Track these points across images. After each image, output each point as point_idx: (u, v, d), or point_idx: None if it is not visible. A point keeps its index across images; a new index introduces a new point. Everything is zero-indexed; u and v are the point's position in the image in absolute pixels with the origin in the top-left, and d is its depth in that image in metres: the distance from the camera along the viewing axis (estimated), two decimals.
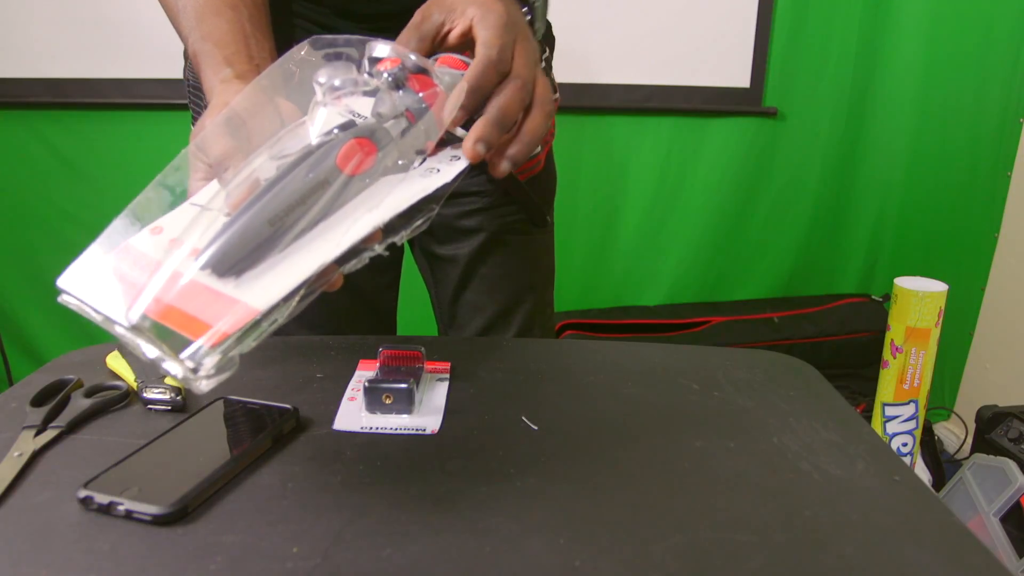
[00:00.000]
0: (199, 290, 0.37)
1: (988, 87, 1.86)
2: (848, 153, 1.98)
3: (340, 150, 0.41)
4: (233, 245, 0.38)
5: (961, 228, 1.97)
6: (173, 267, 0.38)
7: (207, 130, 0.44)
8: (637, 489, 0.43)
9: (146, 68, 1.73)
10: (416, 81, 0.45)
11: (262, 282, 0.37)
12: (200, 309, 0.36)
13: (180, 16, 0.57)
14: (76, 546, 0.37)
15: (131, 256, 0.40)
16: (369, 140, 0.42)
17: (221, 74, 0.53)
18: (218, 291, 0.37)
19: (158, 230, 0.41)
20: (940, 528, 0.40)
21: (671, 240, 2.01)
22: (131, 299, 0.37)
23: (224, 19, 0.56)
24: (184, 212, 0.42)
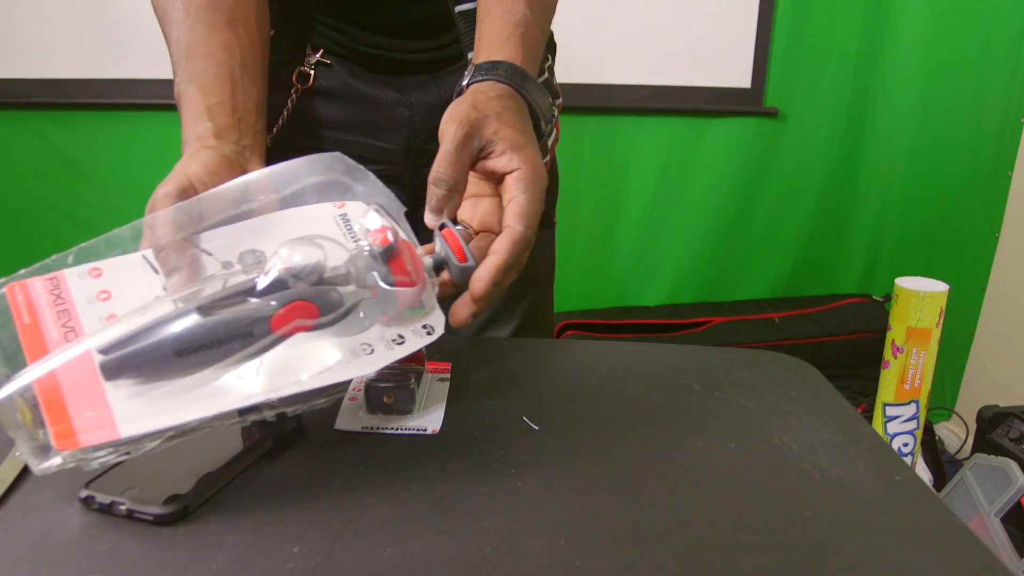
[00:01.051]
0: (90, 385, 0.36)
1: (989, 87, 1.86)
2: (849, 153, 1.98)
3: (279, 311, 0.39)
4: (132, 361, 0.37)
5: (962, 228, 1.97)
6: (84, 348, 0.37)
7: (158, 213, 0.43)
8: (637, 489, 0.43)
9: (147, 68, 1.73)
10: (397, 263, 0.42)
11: (143, 407, 0.36)
12: (76, 406, 0.36)
13: (172, 48, 0.55)
14: (77, 546, 0.37)
15: (57, 290, 0.40)
16: (314, 305, 0.40)
17: (199, 128, 0.51)
18: (103, 397, 0.36)
19: (97, 272, 0.41)
20: (941, 528, 0.40)
21: (672, 240, 2.01)
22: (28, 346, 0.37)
23: (214, 62, 0.54)
24: (128, 262, 0.42)
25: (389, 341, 0.42)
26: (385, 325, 0.42)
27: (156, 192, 0.46)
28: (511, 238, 0.46)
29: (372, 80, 0.69)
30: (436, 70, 0.71)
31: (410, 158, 0.73)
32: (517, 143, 0.48)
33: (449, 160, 0.47)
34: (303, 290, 0.40)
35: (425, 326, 0.44)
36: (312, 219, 0.45)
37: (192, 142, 0.51)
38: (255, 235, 0.44)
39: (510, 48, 0.54)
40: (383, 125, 0.70)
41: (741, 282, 2.08)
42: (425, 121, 0.71)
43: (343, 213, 0.46)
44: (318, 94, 0.68)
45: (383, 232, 0.42)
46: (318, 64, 0.67)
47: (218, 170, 0.48)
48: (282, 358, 0.39)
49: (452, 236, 0.46)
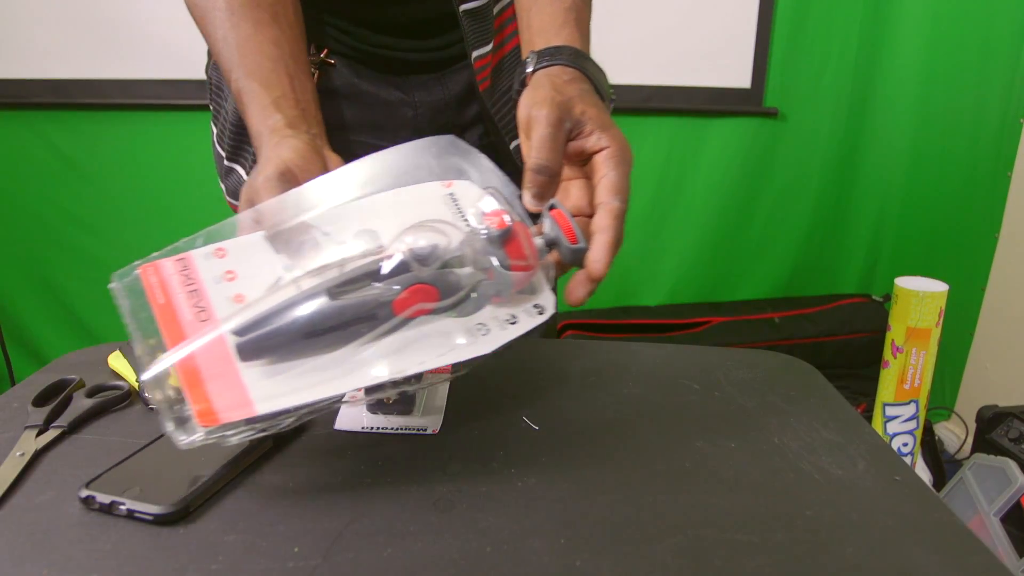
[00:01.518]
0: (226, 365, 0.38)
1: (988, 87, 1.86)
2: (848, 153, 1.98)
3: (401, 295, 0.40)
4: (266, 342, 0.39)
5: (961, 228, 1.97)
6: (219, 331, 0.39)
7: (266, 200, 0.44)
8: (637, 489, 0.43)
9: (148, 69, 1.73)
10: (513, 246, 0.43)
11: (276, 386, 0.38)
12: (215, 385, 0.38)
13: (221, 47, 0.56)
14: (78, 546, 0.37)
15: (186, 271, 0.42)
16: (434, 288, 0.41)
17: (271, 120, 0.52)
18: (239, 377, 0.38)
19: (222, 252, 0.43)
20: (941, 528, 0.40)
21: (672, 240, 2.01)
22: (164, 325, 0.39)
23: (267, 57, 0.55)
24: (249, 242, 0.43)
25: (503, 321, 0.43)
26: (497, 306, 0.43)
27: (255, 180, 0.46)
28: (612, 213, 0.45)
29: (376, 80, 0.69)
30: (440, 69, 0.71)
31: None
32: (603, 122, 0.48)
33: (549, 145, 0.46)
34: (424, 274, 0.41)
35: (536, 306, 0.44)
36: (421, 198, 0.46)
37: (268, 134, 0.51)
38: (367, 215, 0.45)
39: (567, 33, 0.54)
40: (387, 124, 0.70)
41: (741, 282, 2.08)
42: (429, 121, 0.71)
43: (451, 192, 0.46)
44: (322, 93, 0.68)
45: (499, 215, 0.43)
46: (322, 64, 0.67)
47: (307, 155, 0.49)
48: (404, 339, 0.41)
49: (563, 218, 0.45)
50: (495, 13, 0.69)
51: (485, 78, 0.69)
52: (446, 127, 0.72)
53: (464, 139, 0.74)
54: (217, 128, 0.74)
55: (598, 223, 0.45)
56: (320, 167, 0.49)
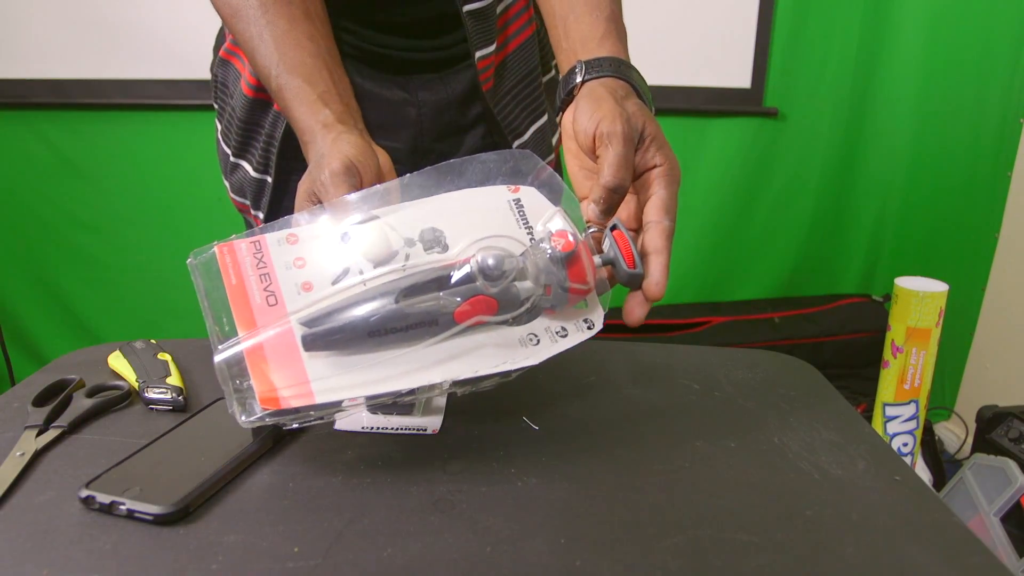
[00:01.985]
0: (291, 354, 0.41)
1: (988, 87, 1.86)
2: (848, 153, 1.98)
3: (462, 306, 0.42)
4: (331, 336, 0.41)
5: (961, 228, 1.97)
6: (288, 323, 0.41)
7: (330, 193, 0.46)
8: (637, 489, 0.43)
9: (148, 69, 1.73)
10: (576, 269, 0.44)
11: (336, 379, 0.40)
12: (280, 372, 0.40)
13: (256, 43, 0.56)
14: (78, 545, 0.37)
15: (259, 253, 0.44)
16: (495, 301, 0.43)
17: (320, 115, 0.53)
18: (302, 366, 0.40)
19: (294, 238, 0.44)
20: (940, 528, 0.40)
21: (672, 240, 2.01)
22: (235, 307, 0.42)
23: (306, 52, 0.55)
24: (321, 227, 0.45)
25: (554, 333, 0.45)
26: (549, 317, 0.45)
27: (319, 175, 0.48)
28: (665, 234, 0.46)
29: (380, 79, 0.69)
30: (443, 69, 0.71)
31: (417, 157, 0.73)
32: (660, 138, 0.49)
33: (624, 164, 0.47)
34: (489, 290, 0.43)
35: (586, 320, 0.46)
36: (487, 202, 0.47)
37: (321, 129, 0.52)
38: (434, 214, 0.46)
39: (610, 44, 0.55)
40: (390, 124, 0.70)
41: (741, 282, 2.08)
42: (432, 120, 0.71)
43: (517, 198, 0.47)
44: None
45: (565, 236, 0.44)
46: None
47: (365, 150, 0.50)
48: (460, 345, 0.42)
49: (624, 240, 0.46)
50: (498, 13, 0.69)
51: (489, 78, 0.69)
52: (449, 127, 0.72)
53: (466, 139, 0.75)
54: (222, 124, 0.74)
55: (653, 243, 0.46)
56: (375, 161, 0.51)
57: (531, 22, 0.72)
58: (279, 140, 0.68)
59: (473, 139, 0.74)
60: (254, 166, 0.71)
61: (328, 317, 0.41)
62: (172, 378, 0.54)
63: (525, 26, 0.72)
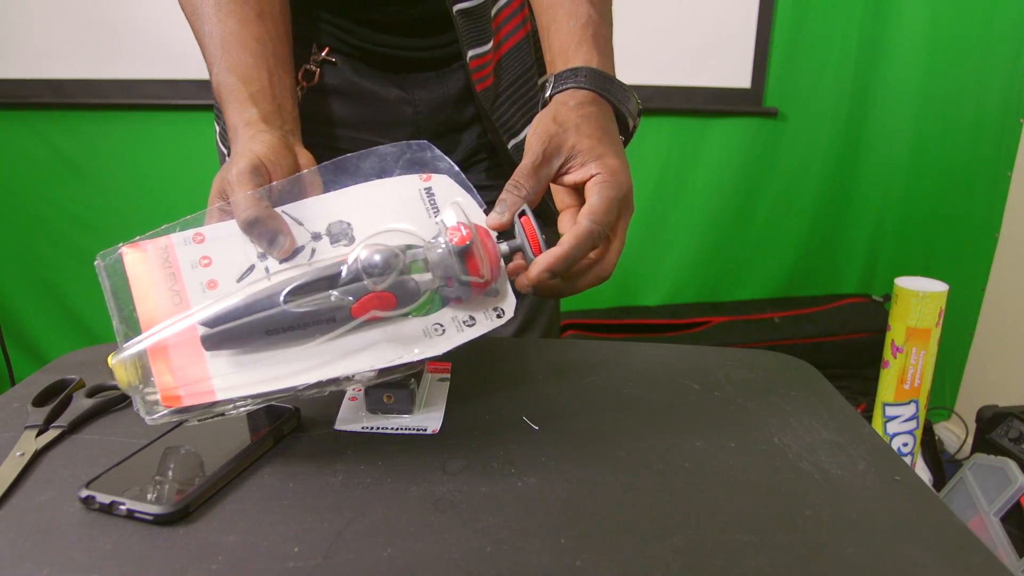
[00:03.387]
0: (194, 352, 0.41)
1: (988, 87, 1.86)
2: (848, 153, 1.98)
3: (359, 301, 0.42)
4: (229, 335, 0.42)
5: (961, 228, 1.97)
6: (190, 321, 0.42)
7: (240, 192, 0.46)
8: (637, 489, 0.43)
9: (148, 69, 1.73)
10: (472, 262, 0.44)
11: (237, 376, 0.41)
12: (182, 371, 0.41)
13: (206, 41, 0.57)
14: (78, 546, 0.37)
15: (166, 253, 0.44)
16: (391, 296, 0.43)
17: (246, 114, 0.53)
18: (204, 365, 0.41)
19: (200, 238, 0.45)
20: (940, 528, 0.40)
21: (672, 240, 2.01)
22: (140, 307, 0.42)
23: (249, 52, 0.55)
24: (227, 230, 0.45)
25: (460, 323, 0.45)
26: (456, 307, 0.45)
27: (228, 173, 0.48)
28: (575, 232, 0.46)
29: (376, 77, 0.69)
30: (440, 67, 0.71)
31: None
32: (595, 152, 0.50)
33: (527, 173, 0.49)
34: (376, 287, 0.43)
35: (496, 309, 0.46)
36: (397, 192, 0.47)
37: (243, 127, 0.52)
38: (342, 206, 0.46)
39: (584, 52, 0.55)
40: (387, 122, 0.71)
41: (741, 282, 2.08)
42: (429, 118, 0.71)
43: (428, 187, 0.48)
44: (323, 92, 0.69)
45: (459, 231, 0.44)
46: (323, 62, 0.68)
47: (280, 150, 0.50)
48: (363, 339, 0.43)
49: (530, 226, 0.46)
50: (492, 13, 0.69)
51: (485, 77, 0.69)
52: (445, 125, 0.72)
53: (463, 137, 0.75)
54: (219, 126, 0.74)
55: (560, 240, 0.47)
56: (291, 163, 0.50)
57: (526, 23, 0.72)
58: None
59: (470, 137, 0.74)
60: None
61: (226, 317, 0.41)
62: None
63: (519, 27, 0.72)
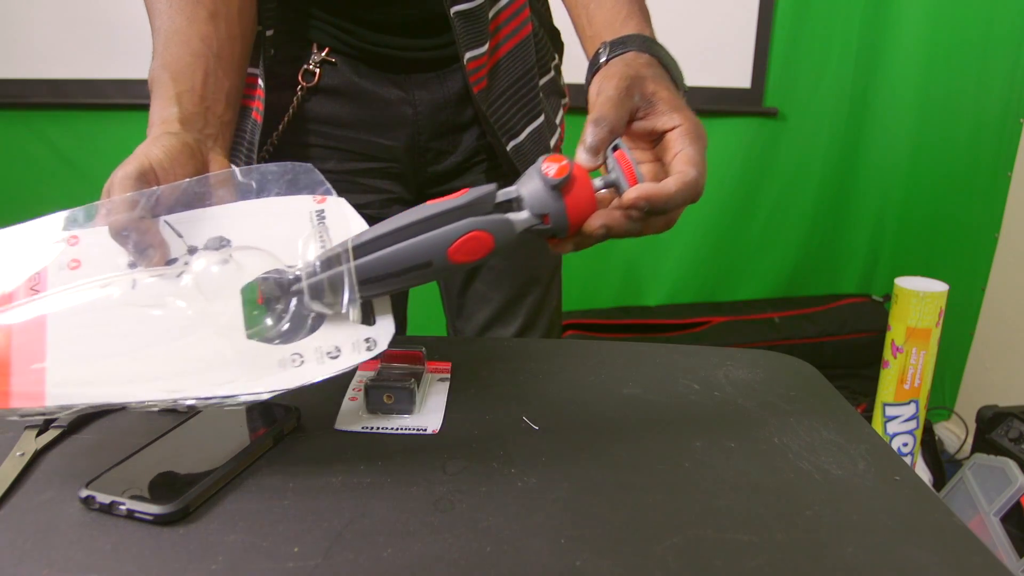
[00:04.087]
0: (33, 355, 0.39)
1: (988, 87, 1.86)
2: (849, 153, 1.98)
3: (457, 241, 0.40)
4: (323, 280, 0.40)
5: (961, 228, 1.97)
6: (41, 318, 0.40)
7: (116, 195, 0.43)
8: (637, 489, 0.43)
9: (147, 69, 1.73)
10: (571, 188, 0.42)
11: (72, 386, 0.39)
12: (18, 366, 0.39)
13: (154, 36, 0.55)
14: (78, 546, 0.37)
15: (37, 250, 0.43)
16: (490, 236, 0.40)
17: (165, 112, 0.51)
18: (42, 371, 0.39)
19: (75, 240, 0.43)
20: (940, 528, 0.40)
21: (672, 240, 2.01)
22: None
23: (189, 51, 0.54)
24: (102, 234, 0.43)
25: (324, 354, 0.41)
26: (325, 333, 0.41)
27: (115, 174, 0.45)
28: (682, 179, 0.44)
29: (377, 78, 0.69)
30: (440, 68, 0.71)
31: (414, 155, 0.73)
32: (674, 103, 0.48)
33: (612, 103, 0.46)
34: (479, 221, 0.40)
35: (368, 340, 0.42)
36: (286, 211, 0.44)
37: (156, 126, 0.50)
38: (225, 221, 0.44)
39: (633, 24, 0.55)
40: (387, 123, 0.71)
41: (741, 282, 2.08)
42: (429, 119, 0.71)
43: (320, 209, 0.44)
44: (323, 92, 0.69)
45: (558, 161, 0.42)
46: (323, 62, 0.68)
47: (178, 157, 0.47)
48: (208, 350, 0.40)
49: (624, 159, 0.44)
50: (491, 15, 0.69)
51: (480, 79, 0.69)
52: (445, 125, 0.72)
53: (463, 138, 0.75)
54: None
55: (664, 181, 0.44)
56: (193, 170, 0.48)
57: (526, 23, 0.72)
58: (257, 145, 0.67)
59: (469, 138, 0.74)
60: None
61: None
62: None
63: (520, 27, 0.72)
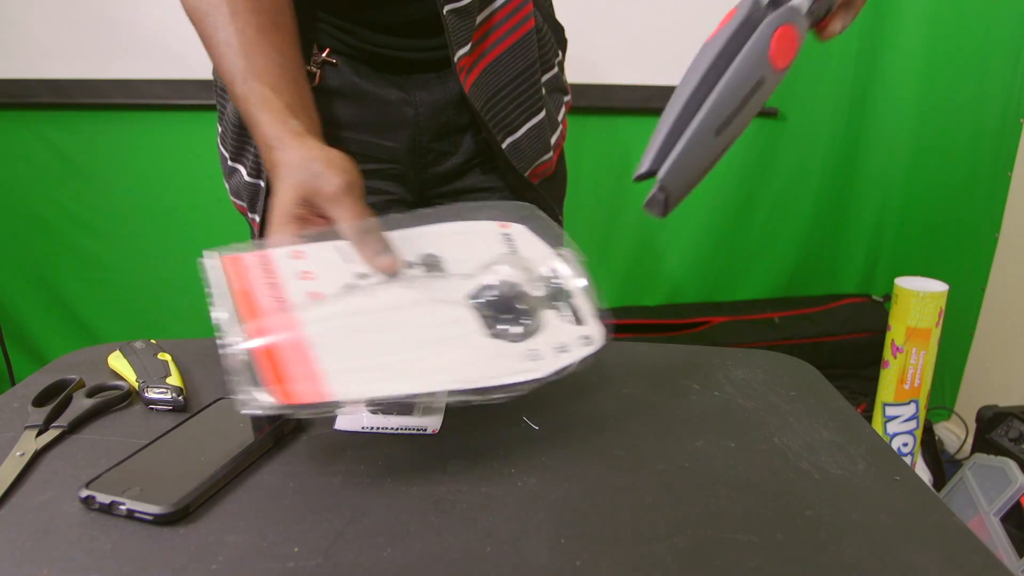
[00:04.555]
0: (306, 352, 0.41)
1: (988, 87, 1.86)
2: (849, 153, 1.98)
3: (772, 43, 0.38)
4: (685, 157, 0.40)
5: (961, 228, 1.97)
6: (300, 324, 0.42)
7: (343, 207, 0.47)
8: (637, 489, 0.43)
9: (148, 69, 1.73)
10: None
11: (352, 377, 0.41)
12: (295, 369, 0.40)
13: (222, 49, 0.56)
14: (78, 545, 0.37)
15: (265, 265, 0.45)
16: (791, 24, 0.38)
17: (289, 125, 0.53)
18: (317, 366, 0.41)
19: (299, 254, 0.46)
20: (940, 528, 0.40)
21: (672, 240, 2.01)
22: (243, 309, 0.42)
23: (273, 63, 0.56)
24: (324, 249, 0.47)
25: (555, 349, 0.46)
26: (548, 334, 0.46)
27: (319, 186, 0.49)
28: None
29: (377, 79, 0.69)
30: (440, 69, 0.71)
31: (415, 156, 0.73)
32: None
33: None
34: (784, 11, 0.39)
35: (586, 336, 0.47)
36: (480, 234, 0.50)
37: (292, 137, 0.53)
38: (427, 242, 0.48)
39: None
40: (388, 124, 0.71)
41: (741, 282, 2.07)
42: (430, 120, 0.71)
43: (507, 233, 0.50)
44: (324, 93, 0.69)
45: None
46: (324, 63, 0.68)
47: (349, 164, 0.51)
48: (468, 355, 0.44)
49: None
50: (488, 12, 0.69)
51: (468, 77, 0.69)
52: (446, 126, 0.72)
53: (463, 139, 0.75)
54: (221, 128, 0.74)
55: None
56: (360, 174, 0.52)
57: (529, 18, 0.72)
58: None
59: (470, 140, 0.74)
60: (248, 170, 0.71)
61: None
62: (172, 378, 0.54)
63: (522, 22, 0.72)
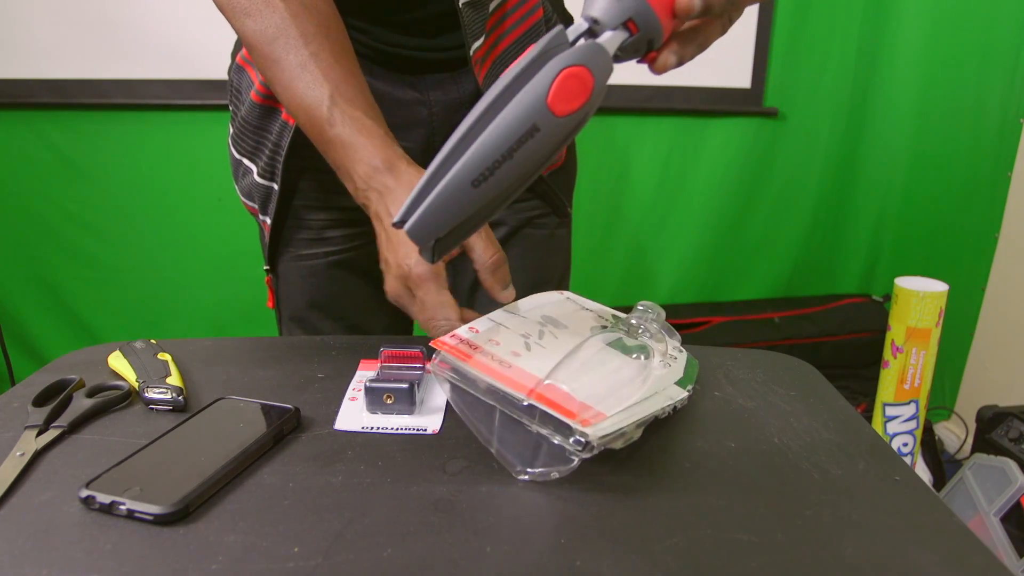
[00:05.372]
0: (566, 394, 0.42)
1: (988, 87, 1.86)
2: (849, 153, 1.98)
3: (552, 86, 0.33)
4: (435, 210, 0.39)
5: (961, 228, 1.97)
6: (543, 372, 0.44)
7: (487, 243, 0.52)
8: (637, 489, 0.43)
9: (148, 69, 1.73)
10: None
11: (605, 406, 0.42)
12: (570, 405, 0.41)
13: (299, 71, 0.55)
14: (78, 545, 0.37)
15: (465, 339, 0.47)
16: (583, 67, 0.33)
17: (395, 150, 0.54)
18: (580, 400, 0.42)
19: (475, 330, 0.48)
20: (940, 528, 0.40)
21: (672, 240, 2.01)
22: (490, 373, 0.44)
23: (357, 88, 0.56)
24: (484, 323, 0.50)
25: (666, 357, 0.51)
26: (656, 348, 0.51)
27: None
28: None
29: (391, 79, 0.69)
30: (454, 68, 0.71)
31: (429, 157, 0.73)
32: None
33: None
34: (567, 54, 0.35)
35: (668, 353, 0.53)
36: (553, 299, 0.56)
37: (406, 165, 0.54)
38: (511, 316, 0.51)
39: None
40: (402, 124, 0.70)
41: (741, 282, 2.08)
42: (444, 120, 0.71)
43: (568, 296, 0.57)
44: None
45: None
46: None
47: None
48: (648, 382, 0.47)
49: None
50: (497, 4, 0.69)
51: (482, 70, 0.69)
52: None
53: None
54: (234, 128, 0.74)
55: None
56: None
57: (536, 10, 0.72)
58: (285, 148, 0.68)
59: None
60: (260, 172, 0.71)
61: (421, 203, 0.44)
62: (172, 378, 0.54)
63: (529, 14, 0.72)
